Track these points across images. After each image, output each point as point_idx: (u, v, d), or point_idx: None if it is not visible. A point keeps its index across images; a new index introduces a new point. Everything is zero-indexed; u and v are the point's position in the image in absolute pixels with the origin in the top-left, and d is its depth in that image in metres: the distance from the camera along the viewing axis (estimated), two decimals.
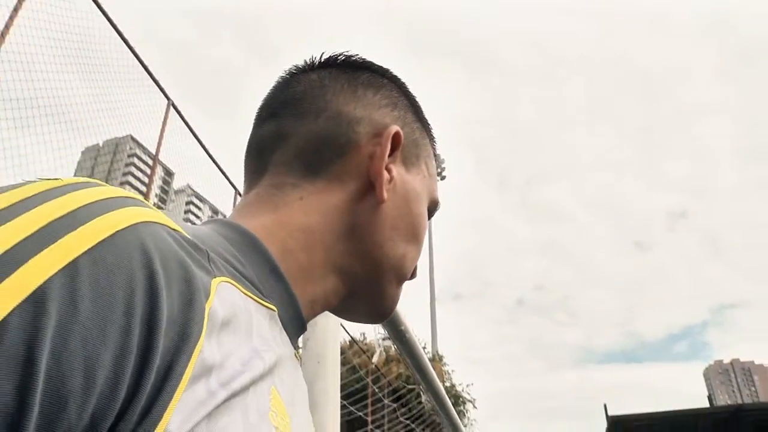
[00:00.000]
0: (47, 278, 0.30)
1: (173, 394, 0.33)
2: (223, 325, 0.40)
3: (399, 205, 0.62)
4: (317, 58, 0.66)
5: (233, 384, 0.38)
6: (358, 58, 0.66)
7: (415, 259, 0.66)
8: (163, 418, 0.33)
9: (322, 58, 0.66)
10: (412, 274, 0.67)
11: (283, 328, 0.53)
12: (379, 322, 0.69)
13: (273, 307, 0.51)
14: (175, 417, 0.33)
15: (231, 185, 8.87)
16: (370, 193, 0.60)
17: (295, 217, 0.57)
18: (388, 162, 0.61)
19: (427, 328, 26.90)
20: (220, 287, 0.41)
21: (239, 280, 0.46)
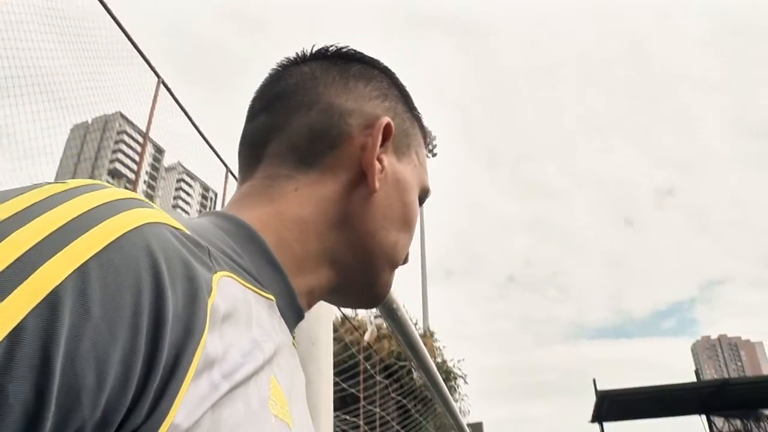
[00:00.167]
0: (60, 282, 0.31)
1: (179, 389, 0.36)
2: (225, 319, 0.42)
3: (390, 194, 0.64)
4: (308, 50, 0.67)
5: (235, 376, 0.40)
6: (349, 49, 0.67)
7: (406, 246, 0.68)
8: (171, 411, 0.35)
9: (314, 50, 0.67)
10: (404, 260, 0.69)
11: (282, 317, 0.54)
12: (373, 307, 0.71)
13: (271, 296, 0.53)
14: (182, 410, 0.36)
15: (223, 164, 8.80)
16: (363, 184, 0.61)
17: (290, 208, 0.59)
18: (379, 153, 0.62)
19: (418, 305, 27.03)
20: (221, 282, 0.43)
21: (238, 273, 0.48)
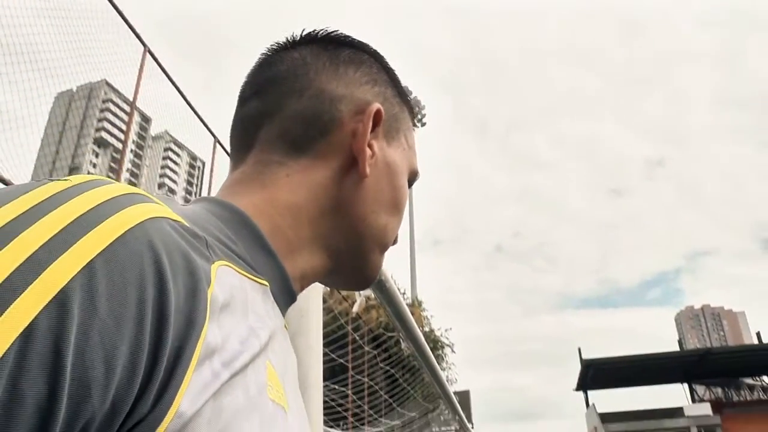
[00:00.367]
0: (68, 280, 0.33)
1: (183, 378, 0.37)
2: (223, 308, 0.43)
3: (381, 179, 0.65)
4: (298, 35, 0.68)
5: (235, 364, 0.42)
6: (339, 33, 0.68)
7: (396, 229, 0.69)
8: (175, 400, 0.37)
9: (303, 35, 0.68)
10: (394, 241, 0.71)
11: (275, 302, 0.56)
12: (364, 289, 0.73)
13: (265, 282, 0.54)
14: (186, 398, 0.37)
15: (210, 133, 8.74)
16: (354, 169, 0.62)
17: (283, 194, 0.60)
18: (369, 138, 0.63)
19: (406, 274, 27.21)
20: (219, 271, 0.45)
21: (234, 261, 0.49)
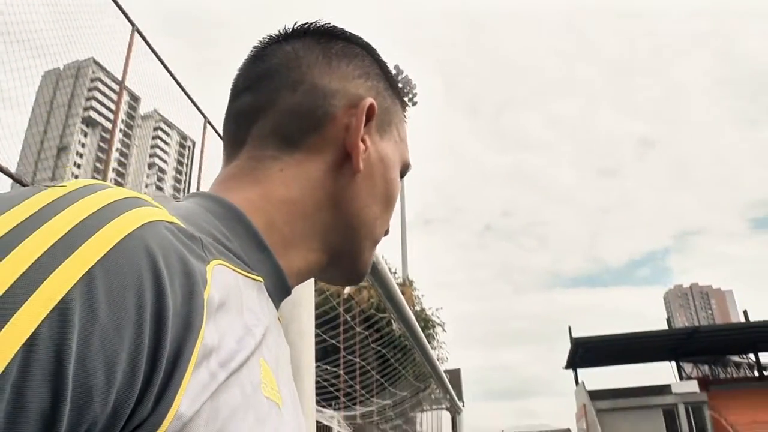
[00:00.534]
0: (68, 290, 0.34)
1: (182, 380, 0.38)
2: (219, 307, 0.44)
3: (374, 173, 0.65)
4: (290, 28, 0.67)
5: (231, 364, 0.43)
6: (331, 26, 0.68)
7: (387, 222, 0.70)
8: (175, 402, 0.38)
9: (295, 28, 0.67)
10: (385, 233, 0.71)
11: (270, 296, 0.56)
12: (355, 284, 0.73)
13: (260, 278, 0.54)
14: (185, 399, 0.38)
15: (201, 114, 8.67)
16: (347, 164, 0.62)
17: (277, 189, 0.60)
18: (363, 132, 0.63)
19: (397, 254, 27.30)
20: (215, 271, 0.45)
21: (229, 258, 0.50)
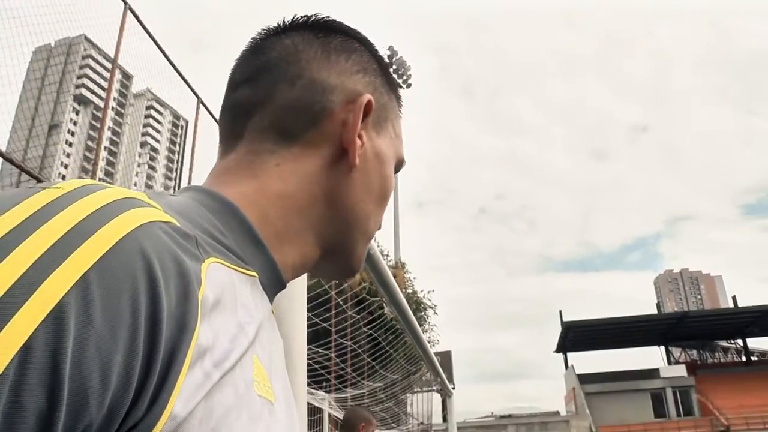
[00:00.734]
0: (63, 295, 0.34)
1: (176, 381, 0.39)
2: (214, 306, 0.44)
3: (369, 169, 0.65)
4: (289, 21, 0.67)
5: (225, 364, 0.43)
6: (330, 19, 0.68)
7: (380, 218, 0.70)
8: (169, 403, 0.38)
9: (294, 20, 0.67)
10: (377, 228, 0.72)
11: (264, 290, 0.57)
12: (349, 279, 0.73)
13: (254, 273, 0.55)
14: (179, 400, 0.39)
15: (194, 94, 8.63)
16: (343, 159, 0.62)
17: (273, 183, 0.60)
18: (359, 128, 0.63)
19: (390, 236, 27.35)
20: (209, 269, 0.45)
21: (224, 255, 0.50)
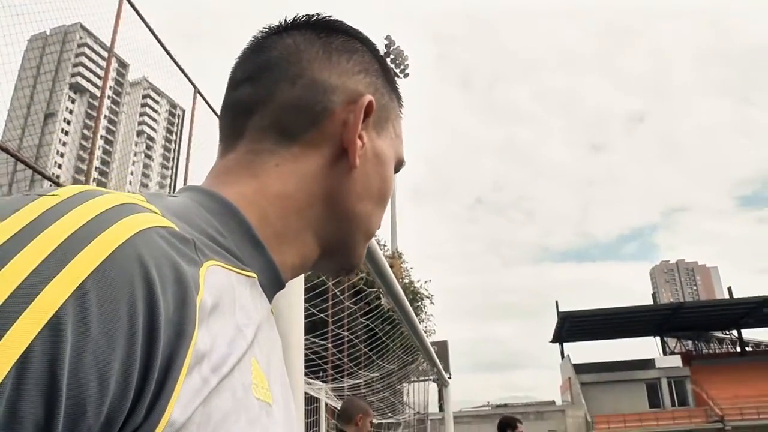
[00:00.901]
0: (60, 304, 0.34)
1: (174, 387, 0.38)
2: (212, 311, 0.44)
3: (369, 169, 0.65)
4: (291, 20, 0.67)
5: (223, 369, 0.43)
6: (332, 19, 0.67)
7: (380, 218, 0.70)
8: (167, 409, 0.38)
9: (296, 19, 0.67)
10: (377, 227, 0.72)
11: (263, 291, 0.56)
12: (349, 275, 0.73)
13: (253, 274, 0.54)
14: (177, 407, 0.39)
15: (191, 83, 8.57)
16: (343, 160, 0.62)
17: (273, 184, 0.60)
18: (360, 129, 0.63)
19: (387, 226, 27.36)
20: (207, 273, 0.45)
21: (223, 257, 0.50)
